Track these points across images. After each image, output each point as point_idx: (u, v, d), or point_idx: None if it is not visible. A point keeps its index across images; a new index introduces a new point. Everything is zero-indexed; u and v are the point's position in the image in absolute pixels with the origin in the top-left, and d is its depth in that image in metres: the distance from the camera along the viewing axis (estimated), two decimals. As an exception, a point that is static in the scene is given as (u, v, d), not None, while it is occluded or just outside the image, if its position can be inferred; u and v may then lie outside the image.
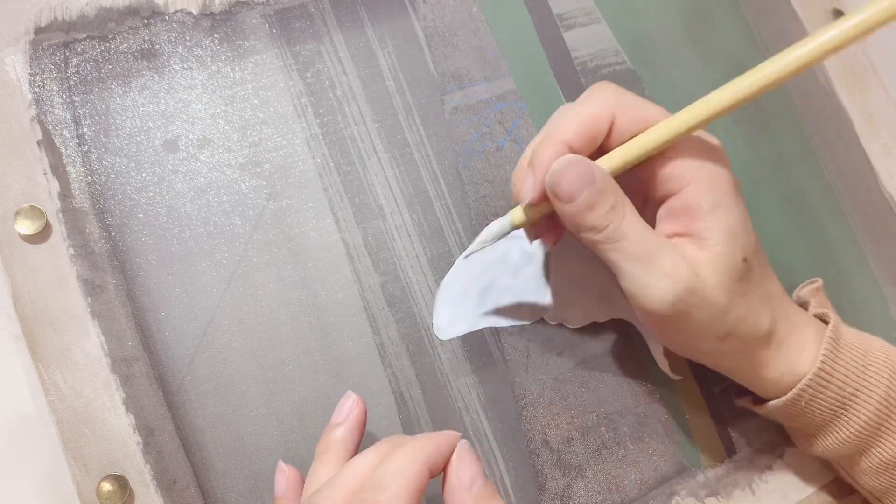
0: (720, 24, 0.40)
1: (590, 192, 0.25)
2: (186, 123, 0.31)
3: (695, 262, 0.26)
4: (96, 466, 0.27)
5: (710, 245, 0.26)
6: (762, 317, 0.27)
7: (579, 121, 0.26)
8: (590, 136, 0.26)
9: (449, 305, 0.31)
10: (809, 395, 0.28)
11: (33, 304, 0.28)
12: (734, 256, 0.26)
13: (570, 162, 0.25)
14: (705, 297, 0.25)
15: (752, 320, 0.27)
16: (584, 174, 0.25)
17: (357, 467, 0.23)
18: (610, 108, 0.26)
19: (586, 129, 0.26)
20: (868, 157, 0.41)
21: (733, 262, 0.26)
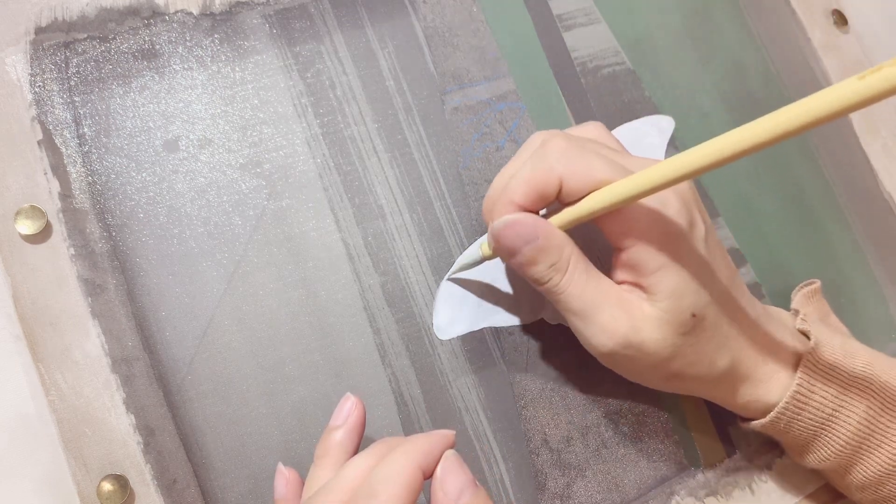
0: (720, 24, 0.40)
1: (530, 249, 0.26)
2: (187, 124, 0.31)
3: (639, 315, 0.26)
4: (96, 466, 0.27)
5: (657, 300, 0.26)
6: (717, 360, 0.28)
7: (527, 185, 0.26)
8: (538, 198, 0.26)
9: (449, 305, 0.31)
10: (787, 418, 0.28)
11: (33, 304, 0.28)
12: (680, 313, 0.26)
13: (511, 222, 0.26)
14: (644, 350, 0.26)
15: (705, 364, 0.27)
16: (523, 233, 0.26)
17: (352, 471, 0.23)
18: (556, 171, 0.26)
19: (534, 192, 0.26)
20: (868, 157, 0.41)
21: (679, 319, 0.26)
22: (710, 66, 0.39)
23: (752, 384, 0.29)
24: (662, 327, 0.26)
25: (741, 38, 0.40)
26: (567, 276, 0.26)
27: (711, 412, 0.34)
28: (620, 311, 0.26)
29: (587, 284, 0.26)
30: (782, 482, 0.34)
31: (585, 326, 0.27)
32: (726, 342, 0.28)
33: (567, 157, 0.26)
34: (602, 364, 0.29)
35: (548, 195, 0.26)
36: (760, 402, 0.29)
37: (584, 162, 0.26)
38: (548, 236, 0.26)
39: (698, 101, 0.38)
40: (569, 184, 0.26)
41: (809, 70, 0.41)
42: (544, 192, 0.26)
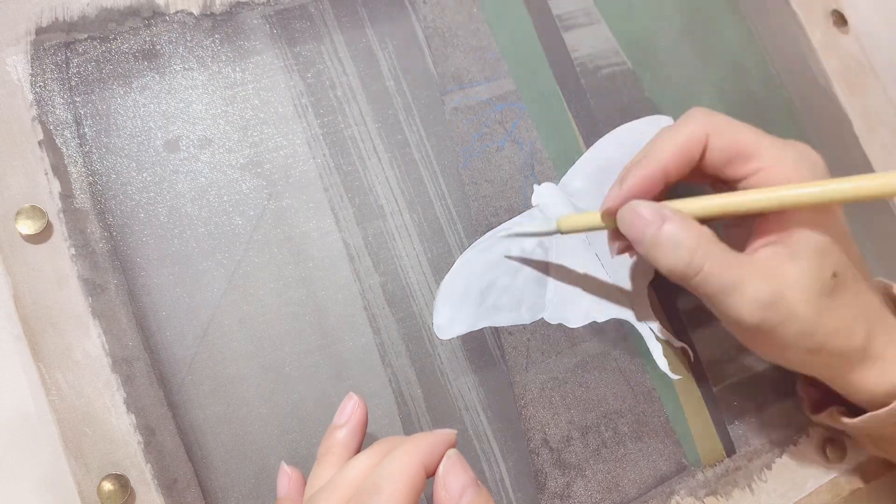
0: (720, 24, 0.40)
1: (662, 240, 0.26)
2: (187, 124, 0.31)
3: (781, 276, 0.26)
4: (97, 466, 0.27)
5: (800, 259, 0.26)
6: (856, 331, 0.27)
7: (675, 144, 0.27)
8: (684, 160, 0.27)
9: (449, 305, 0.31)
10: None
11: (34, 303, 0.28)
12: (822, 271, 0.26)
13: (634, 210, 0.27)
14: (791, 313, 0.26)
15: (844, 334, 0.27)
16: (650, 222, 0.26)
17: (354, 469, 0.23)
18: (704, 130, 0.27)
19: (681, 153, 0.27)
20: (868, 157, 0.41)
21: (821, 278, 0.26)
22: (710, 66, 0.39)
23: (883, 364, 0.28)
24: (807, 287, 0.26)
25: (741, 38, 0.40)
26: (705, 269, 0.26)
27: (711, 412, 0.34)
28: (763, 280, 0.26)
29: (726, 265, 0.26)
30: (782, 482, 0.34)
31: (731, 303, 0.26)
32: (862, 313, 0.28)
33: (712, 116, 0.27)
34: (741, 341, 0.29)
35: (693, 157, 0.27)
36: (889, 384, 0.28)
37: (728, 122, 0.27)
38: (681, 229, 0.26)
39: (698, 101, 0.38)
40: (714, 143, 0.27)
41: (809, 70, 0.41)
42: (690, 153, 0.27)
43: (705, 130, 0.27)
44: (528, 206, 0.34)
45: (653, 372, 0.34)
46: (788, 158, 0.27)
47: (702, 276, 0.26)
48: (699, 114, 0.28)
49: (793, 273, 0.26)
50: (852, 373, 0.29)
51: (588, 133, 0.36)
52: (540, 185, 0.34)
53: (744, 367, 0.35)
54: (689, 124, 0.28)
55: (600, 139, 0.36)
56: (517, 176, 0.34)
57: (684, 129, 0.28)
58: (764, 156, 0.27)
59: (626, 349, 0.34)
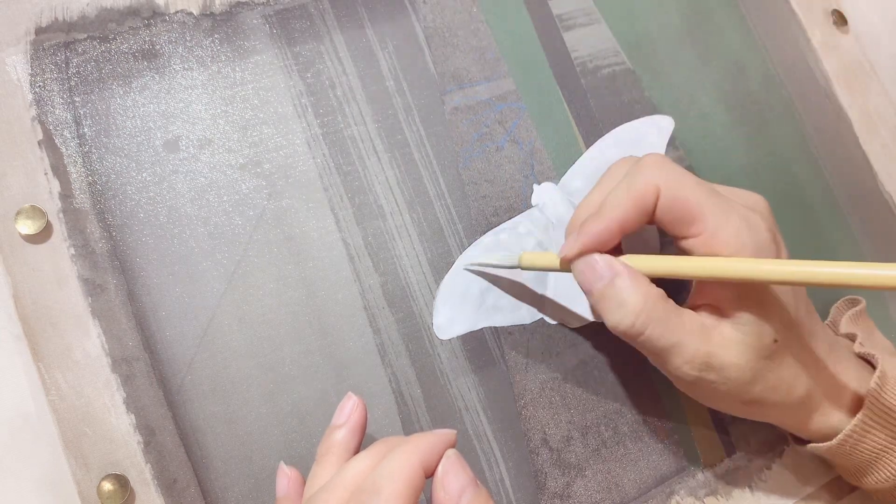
0: (720, 24, 0.40)
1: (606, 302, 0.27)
2: (187, 124, 0.31)
3: (721, 342, 0.26)
4: (97, 466, 0.27)
5: (740, 325, 0.26)
6: (795, 387, 0.28)
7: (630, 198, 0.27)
8: (639, 213, 0.27)
9: (449, 305, 0.31)
10: (853, 440, 0.28)
11: (34, 303, 0.28)
12: (763, 338, 0.27)
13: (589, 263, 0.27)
14: (727, 375, 0.26)
15: (782, 391, 0.28)
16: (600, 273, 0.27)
17: (353, 470, 0.23)
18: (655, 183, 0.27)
19: (636, 207, 0.27)
20: (868, 157, 0.41)
21: (761, 343, 0.27)
22: (710, 66, 0.39)
23: (823, 411, 0.29)
24: (745, 352, 0.26)
25: (741, 38, 0.40)
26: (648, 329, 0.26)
27: (711, 412, 0.34)
28: (702, 342, 0.26)
29: (668, 324, 0.26)
30: (782, 482, 0.34)
31: (668, 361, 0.27)
32: (804, 369, 0.28)
33: (664, 169, 0.27)
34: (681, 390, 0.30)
35: (647, 209, 0.27)
36: (834, 427, 0.29)
37: (679, 178, 0.27)
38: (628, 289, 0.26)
39: (698, 101, 0.38)
40: (663, 197, 0.27)
41: (809, 70, 0.41)
42: (644, 205, 0.27)
43: (657, 183, 0.27)
44: (528, 206, 0.34)
45: (653, 372, 0.34)
46: (730, 226, 0.26)
47: (644, 338, 0.26)
48: (652, 165, 0.27)
49: (732, 336, 0.26)
50: (793, 419, 0.29)
51: (588, 133, 0.36)
52: (540, 185, 0.34)
53: (744, 367, 0.35)
54: (642, 177, 0.27)
55: (600, 139, 0.36)
56: (517, 176, 0.34)
57: (638, 182, 0.27)
58: (707, 220, 0.27)
59: (626, 349, 0.34)
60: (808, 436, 0.30)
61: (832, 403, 0.29)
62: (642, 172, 0.27)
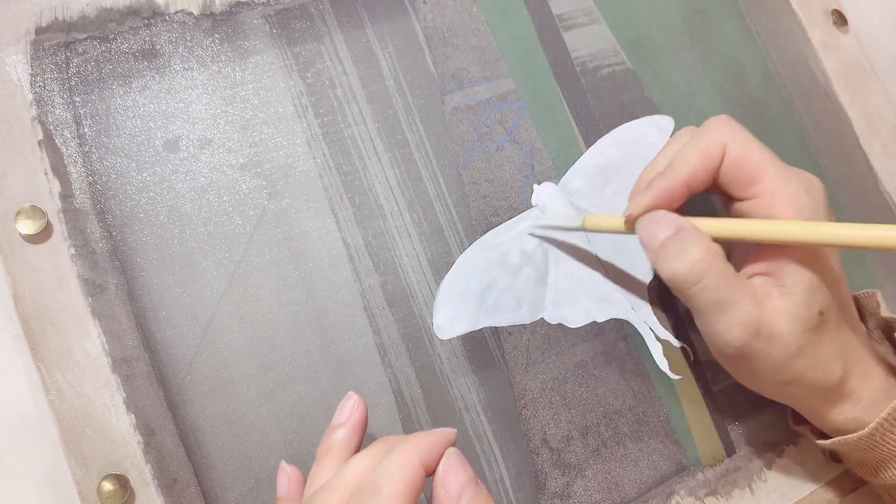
0: (720, 24, 0.40)
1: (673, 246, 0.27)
2: (187, 124, 0.31)
3: (769, 308, 0.27)
4: (97, 466, 0.27)
5: (789, 294, 0.27)
6: (833, 367, 0.28)
7: (698, 155, 0.28)
8: (707, 172, 0.28)
9: (449, 305, 0.31)
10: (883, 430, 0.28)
11: (34, 303, 0.28)
12: (810, 309, 0.27)
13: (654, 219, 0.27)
14: (772, 342, 0.27)
15: (822, 369, 0.28)
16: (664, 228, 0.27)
17: (353, 469, 0.23)
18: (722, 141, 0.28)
19: (703, 166, 0.28)
20: (868, 157, 0.41)
21: (808, 314, 0.27)
22: (710, 66, 0.39)
23: (856, 401, 0.29)
24: (793, 322, 0.27)
25: (741, 38, 0.40)
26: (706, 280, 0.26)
27: (711, 412, 0.34)
28: (754, 304, 0.27)
29: (723, 276, 0.27)
30: (782, 482, 0.34)
31: (719, 319, 0.27)
32: (842, 350, 0.28)
33: (731, 126, 0.28)
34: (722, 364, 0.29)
35: (714, 167, 0.28)
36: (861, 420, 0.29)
37: (744, 138, 0.28)
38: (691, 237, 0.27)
39: (698, 101, 0.38)
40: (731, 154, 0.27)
41: (809, 70, 0.41)
42: (712, 163, 0.28)
43: (724, 141, 0.28)
44: (528, 205, 0.34)
45: (653, 372, 0.34)
46: (789, 189, 0.27)
47: (700, 287, 0.26)
48: (719, 124, 0.28)
49: (782, 305, 0.27)
50: (824, 406, 0.29)
51: (588, 133, 0.36)
52: (540, 185, 0.34)
53: (744, 367, 0.35)
54: (710, 134, 0.28)
55: (600, 139, 0.36)
56: (517, 176, 0.34)
57: (706, 140, 0.28)
58: (768, 182, 0.28)
59: (626, 349, 0.34)
60: (832, 426, 0.30)
61: (864, 391, 0.29)
62: (710, 130, 0.28)
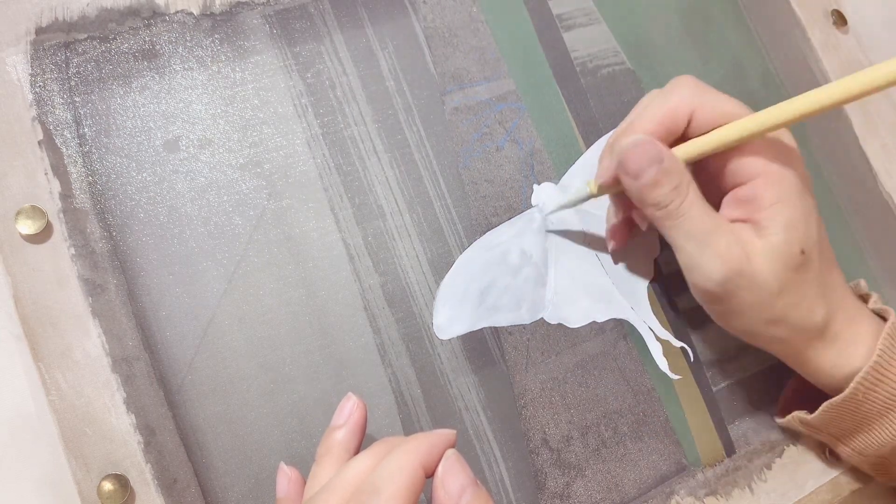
0: (720, 24, 0.40)
1: (655, 170, 0.27)
2: (187, 124, 0.31)
3: (750, 247, 0.27)
4: (97, 466, 0.27)
5: (769, 234, 0.27)
6: (816, 307, 0.28)
7: (660, 114, 0.28)
8: (669, 129, 0.28)
9: (449, 305, 0.31)
10: (866, 387, 0.28)
11: (34, 303, 0.28)
12: (790, 246, 0.27)
13: (639, 142, 0.27)
14: (754, 280, 0.27)
15: (805, 309, 0.28)
16: (651, 154, 0.27)
17: (353, 470, 0.23)
18: (690, 103, 0.28)
19: (666, 122, 0.28)
20: (868, 157, 0.41)
21: (789, 252, 0.27)
22: (710, 66, 0.39)
23: (841, 343, 0.29)
24: (774, 259, 0.27)
25: (741, 38, 0.40)
26: (688, 199, 0.27)
27: (711, 412, 0.34)
28: (735, 240, 0.27)
29: (705, 210, 0.27)
30: (782, 482, 0.34)
31: (701, 252, 0.27)
32: (825, 291, 0.29)
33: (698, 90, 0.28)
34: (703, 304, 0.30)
35: (678, 127, 0.28)
36: (846, 365, 0.29)
37: (714, 96, 0.28)
38: (672, 158, 0.27)
39: (698, 101, 0.38)
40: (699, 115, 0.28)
41: (809, 70, 0.41)
42: (675, 122, 0.28)
43: (691, 105, 0.28)
44: (528, 206, 0.34)
45: (653, 372, 0.34)
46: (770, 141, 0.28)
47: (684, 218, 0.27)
48: (686, 87, 0.28)
49: (761, 245, 0.27)
50: (810, 350, 0.29)
51: (588, 133, 0.36)
52: (540, 185, 0.34)
53: (744, 367, 0.35)
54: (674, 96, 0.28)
55: (600, 139, 0.36)
56: (517, 176, 0.34)
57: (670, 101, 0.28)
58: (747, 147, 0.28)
59: (626, 349, 0.34)
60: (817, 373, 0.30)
61: (849, 333, 0.29)
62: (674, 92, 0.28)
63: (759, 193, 0.27)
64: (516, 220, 0.33)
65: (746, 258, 0.27)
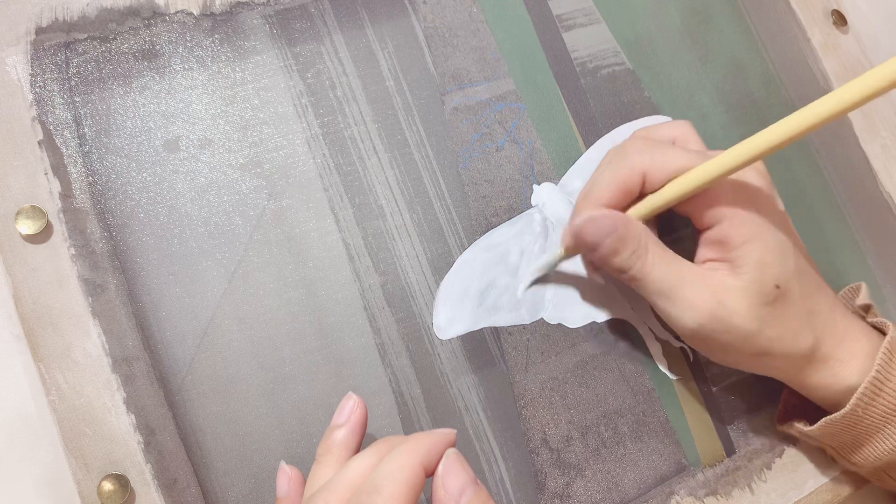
0: (720, 24, 0.40)
1: (611, 240, 0.28)
2: (187, 124, 0.31)
3: (723, 289, 0.27)
4: (97, 466, 0.27)
5: (741, 273, 0.27)
6: (802, 335, 0.28)
7: (614, 181, 0.29)
8: (624, 192, 0.29)
9: (449, 305, 0.31)
10: (865, 402, 0.28)
11: (34, 303, 0.28)
12: (763, 284, 0.27)
13: (593, 218, 0.28)
14: (731, 322, 0.27)
15: (790, 340, 0.28)
16: (605, 227, 0.28)
17: (354, 469, 0.23)
18: (641, 165, 0.28)
19: (621, 187, 0.28)
20: (867, 157, 0.41)
21: (763, 290, 0.27)
22: (710, 66, 0.39)
23: (833, 363, 0.29)
24: (747, 298, 0.27)
25: (741, 38, 0.40)
26: (649, 260, 0.28)
27: (711, 412, 0.34)
28: (704, 286, 0.27)
29: (669, 266, 0.28)
30: (782, 482, 0.34)
31: (672, 305, 0.28)
32: (809, 318, 0.29)
33: (646, 151, 0.28)
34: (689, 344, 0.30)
35: (631, 191, 0.29)
36: (841, 383, 0.29)
37: (663, 155, 0.28)
38: (626, 226, 0.28)
39: (698, 101, 0.38)
40: (651, 177, 0.28)
41: (809, 70, 0.41)
42: (628, 188, 0.28)
43: (642, 167, 0.28)
44: (528, 206, 0.34)
45: (653, 372, 0.34)
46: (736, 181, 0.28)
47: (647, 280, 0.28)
48: (636, 149, 0.29)
49: (734, 283, 0.27)
50: (803, 373, 0.30)
51: (588, 133, 0.36)
52: (539, 185, 0.34)
53: (744, 367, 0.35)
54: (627, 160, 0.29)
55: (600, 139, 0.36)
56: (517, 176, 0.34)
57: (621, 168, 0.29)
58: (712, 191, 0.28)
59: (626, 349, 0.34)
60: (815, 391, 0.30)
61: (841, 353, 0.29)
62: (624, 156, 0.29)
63: (727, 234, 0.28)
64: (516, 220, 0.34)
65: (718, 303, 0.27)
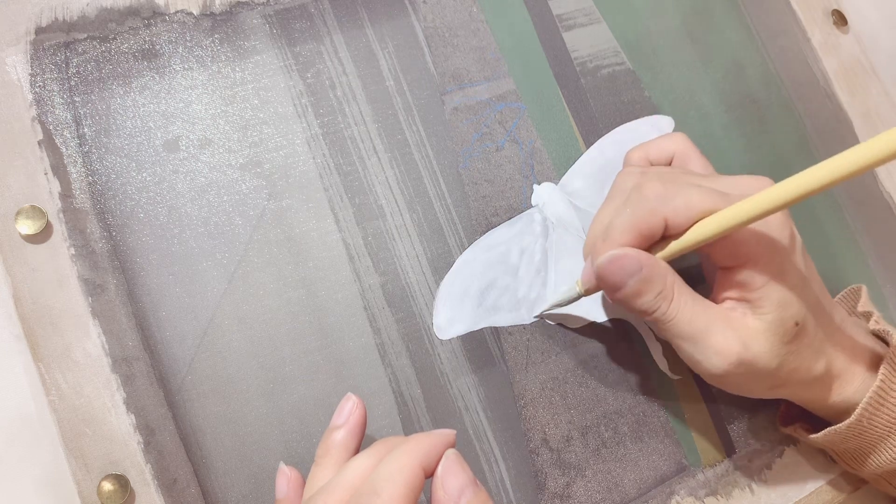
0: (720, 24, 0.40)
1: (635, 281, 0.27)
2: (187, 124, 0.31)
3: (746, 330, 0.27)
4: (97, 466, 0.27)
5: (763, 314, 0.27)
6: (816, 364, 0.29)
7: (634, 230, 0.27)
8: (643, 240, 0.27)
9: (449, 305, 0.31)
10: (870, 413, 0.29)
11: (34, 303, 0.28)
12: (785, 323, 0.27)
13: (615, 257, 0.27)
14: (754, 364, 0.27)
15: (804, 370, 0.28)
16: (628, 267, 0.27)
17: (353, 471, 0.23)
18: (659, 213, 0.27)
19: (640, 235, 0.27)
20: (868, 157, 0.41)
21: (784, 329, 0.27)
22: (710, 66, 0.39)
23: (840, 381, 0.30)
24: (770, 339, 0.27)
25: (741, 38, 0.40)
26: (674, 303, 0.27)
27: (711, 412, 0.34)
28: (730, 331, 0.27)
29: (695, 309, 0.27)
30: (782, 482, 0.34)
31: (697, 350, 0.27)
32: (821, 347, 0.29)
33: (667, 198, 0.27)
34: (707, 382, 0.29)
35: (653, 237, 0.27)
36: (844, 395, 0.30)
37: (684, 199, 0.27)
38: (651, 267, 0.27)
39: (698, 101, 0.38)
40: (673, 222, 0.27)
41: (809, 70, 0.41)
42: (650, 234, 0.27)
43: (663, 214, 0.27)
44: (528, 206, 0.34)
45: (653, 372, 0.34)
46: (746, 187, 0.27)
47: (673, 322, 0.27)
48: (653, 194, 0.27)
49: (757, 325, 0.27)
50: (811, 393, 0.30)
51: (588, 133, 0.36)
52: (540, 185, 0.34)
53: (744, 367, 0.35)
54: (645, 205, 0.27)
55: (600, 139, 0.36)
56: (517, 176, 0.34)
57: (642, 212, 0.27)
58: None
59: (626, 349, 0.34)
60: (824, 408, 0.31)
61: (849, 373, 0.30)
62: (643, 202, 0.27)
63: (749, 277, 0.27)
64: (516, 220, 0.33)
65: (744, 347, 0.27)
